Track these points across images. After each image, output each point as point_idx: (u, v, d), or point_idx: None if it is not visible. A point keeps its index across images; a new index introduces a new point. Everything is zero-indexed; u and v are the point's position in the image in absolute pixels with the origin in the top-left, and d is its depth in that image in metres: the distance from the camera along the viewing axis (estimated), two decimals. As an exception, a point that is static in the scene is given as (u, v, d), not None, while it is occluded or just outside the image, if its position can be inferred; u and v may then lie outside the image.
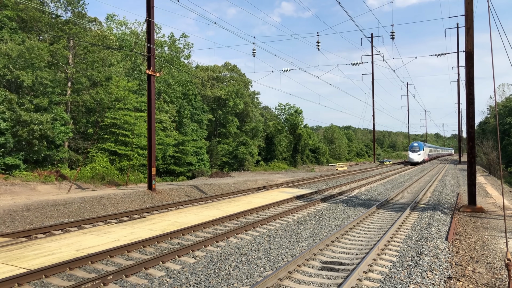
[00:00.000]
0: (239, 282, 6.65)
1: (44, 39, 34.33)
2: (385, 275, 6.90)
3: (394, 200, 17.32)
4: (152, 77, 18.11)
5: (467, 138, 14.72)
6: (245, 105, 60.97)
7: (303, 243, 9.47)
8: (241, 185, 23.14)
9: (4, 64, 25.11)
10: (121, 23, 45.70)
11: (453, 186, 23.62)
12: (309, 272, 7.18)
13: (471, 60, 14.28)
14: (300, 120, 68.19)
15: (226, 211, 13.24)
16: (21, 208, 12.59)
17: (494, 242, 9.71)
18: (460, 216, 13.24)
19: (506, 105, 63.99)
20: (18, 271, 6.83)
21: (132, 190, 17.73)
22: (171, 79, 43.44)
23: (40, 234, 10.07)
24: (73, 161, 31.59)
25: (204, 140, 48.26)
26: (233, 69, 67.38)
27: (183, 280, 6.63)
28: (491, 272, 7.28)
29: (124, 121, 31.66)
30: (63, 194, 16.44)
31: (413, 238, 9.70)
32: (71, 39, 33.51)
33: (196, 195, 19.15)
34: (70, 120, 32.48)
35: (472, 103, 14.26)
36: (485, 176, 35.35)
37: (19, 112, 24.31)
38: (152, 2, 18.18)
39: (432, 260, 7.61)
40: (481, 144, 51.53)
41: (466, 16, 14.45)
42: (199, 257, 8.00)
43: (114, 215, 12.39)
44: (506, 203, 16.70)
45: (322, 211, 13.79)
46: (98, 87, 33.44)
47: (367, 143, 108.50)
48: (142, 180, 28.74)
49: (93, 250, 8.22)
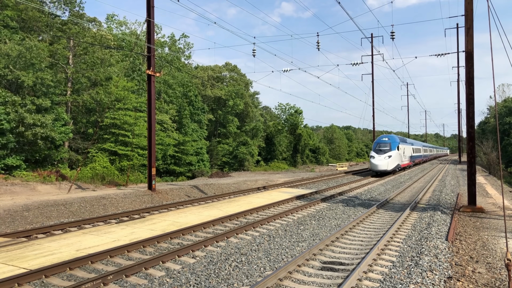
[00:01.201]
0: (239, 282, 6.65)
1: (44, 39, 34.34)
2: (385, 275, 6.90)
3: (394, 200, 17.32)
4: (152, 77, 18.12)
5: (467, 138, 14.72)
6: (245, 105, 60.99)
7: (303, 243, 9.47)
8: (241, 185, 23.14)
9: (5, 64, 25.12)
10: (121, 23, 45.74)
11: (453, 186, 23.62)
12: (309, 272, 7.18)
13: (471, 60, 14.28)
14: (300, 120, 68.23)
15: (226, 211, 13.24)
16: (21, 208, 12.59)
17: (494, 242, 9.71)
18: (460, 216, 13.24)
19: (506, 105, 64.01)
20: (18, 271, 6.83)
21: (132, 190, 17.73)
22: (171, 80, 43.46)
23: (40, 234, 10.06)
24: (73, 161, 31.60)
25: (204, 140, 48.29)
26: (234, 69, 67.39)
27: (183, 280, 6.63)
28: (491, 272, 7.28)
29: (124, 121, 31.68)
30: (63, 194, 16.44)
31: (413, 238, 9.70)
32: (71, 39, 33.53)
33: (196, 195, 19.14)
34: (70, 120, 32.49)
35: (472, 103, 14.26)
36: (485, 176, 35.35)
37: (22, 114, 24.35)
38: (152, 2, 18.18)
39: (432, 260, 7.61)
40: (481, 144, 51.53)
41: (466, 16, 14.45)
42: (199, 257, 8.00)
43: (114, 215, 12.39)
44: (506, 203, 16.70)
45: (322, 211, 13.79)
46: (98, 87, 33.45)
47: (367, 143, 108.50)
48: (142, 180, 28.74)
49: (93, 250, 8.22)
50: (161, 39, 48.85)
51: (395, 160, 31.77)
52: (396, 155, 31.95)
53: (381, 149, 31.67)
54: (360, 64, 35.48)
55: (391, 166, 30.93)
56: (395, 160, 31.61)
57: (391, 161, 30.90)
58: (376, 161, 30.61)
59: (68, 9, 36.49)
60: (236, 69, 67.68)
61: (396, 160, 32.07)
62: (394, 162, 31.45)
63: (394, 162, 31.61)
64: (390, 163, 30.76)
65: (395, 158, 31.56)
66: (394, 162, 31.45)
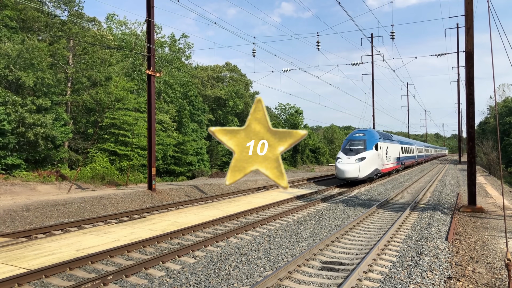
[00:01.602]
0: (239, 282, 6.65)
1: (43, 39, 34.34)
2: (385, 275, 6.90)
3: (394, 200, 17.32)
4: (152, 77, 18.11)
5: (467, 138, 14.72)
6: (245, 105, 60.98)
7: (303, 243, 9.47)
8: (241, 185, 23.13)
9: (5, 64, 25.13)
10: (121, 23, 45.74)
11: (453, 186, 23.62)
12: (309, 272, 7.18)
13: (471, 60, 14.28)
14: (300, 120, 68.23)
15: (226, 211, 13.23)
16: (21, 208, 12.59)
17: (494, 242, 9.71)
18: (460, 216, 13.24)
19: (506, 105, 64.00)
20: (18, 271, 6.83)
21: (132, 190, 17.73)
22: (171, 80, 43.46)
23: (40, 234, 10.06)
24: (73, 161, 31.59)
25: (204, 140, 48.28)
26: (234, 69, 67.39)
27: (183, 280, 6.63)
28: (491, 272, 7.28)
29: (124, 121, 31.68)
30: (63, 194, 16.44)
31: (413, 238, 9.70)
32: (71, 39, 33.53)
33: (196, 195, 19.14)
34: (70, 120, 32.49)
35: (472, 103, 14.26)
36: (485, 176, 35.35)
37: (23, 114, 24.36)
38: (152, 2, 18.18)
39: (432, 260, 7.61)
40: (481, 144, 51.47)
41: (466, 16, 14.45)
42: (199, 257, 8.00)
43: (114, 215, 12.39)
44: (506, 203, 16.70)
45: (322, 211, 13.79)
46: (98, 87, 33.46)
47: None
48: (142, 180, 28.73)
49: (93, 250, 8.22)
50: (161, 39, 48.84)
51: (371, 163, 23.14)
52: (373, 157, 23.44)
53: (352, 148, 23.32)
54: (360, 64, 35.42)
55: (365, 172, 22.28)
56: (370, 163, 23.00)
57: (365, 165, 22.29)
58: (343, 165, 22.11)
59: (67, 9, 36.49)
60: (236, 69, 67.67)
61: (373, 164, 23.41)
62: (369, 166, 22.81)
63: (370, 166, 22.93)
64: (363, 168, 22.11)
65: (371, 161, 23.01)
66: (369, 166, 22.81)
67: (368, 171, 22.86)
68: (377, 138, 24.79)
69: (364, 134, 24.58)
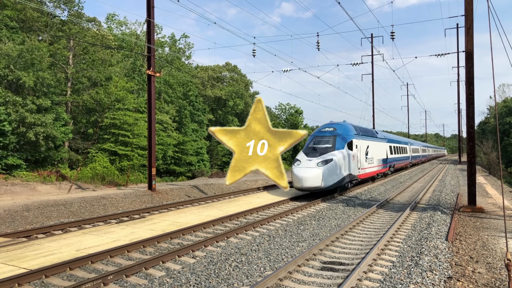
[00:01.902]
0: (239, 282, 6.65)
1: (43, 39, 34.35)
2: (385, 275, 6.90)
3: (394, 200, 17.32)
4: (152, 77, 18.12)
5: (467, 138, 14.72)
6: (245, 105, 60.98)
7: (303, 243, 9.47)
8: (241, 185, 23.13)
9: (5, 64, 25.15)
10: (121, 23, 45.74)
11: (453, 186, 23.62)
12: (309, 272, 7.18)
13: (471, 60, 14.28)
14: (300, 120, 68.22)
15: (226, 211, 13.24)
16: (21, 208, 12.60)
17: (494, 242, 9.71)
18: (460, 216, 13.24)
19: (506, 105, 63.99)
20: (18, 271, 6.83)
21: (132, 190, 17.74)
22: (171, 80, 43.47)
23: (40, 234, 10.07)
24: (73, 161, 31.60)
25: (204, 140, 48.30)
26: (234, 69, 67.40)
27: (183, 280, 6.64)
28: (491, 272, 7.29)
29: (124, 121, 31.70)
30: (63, 194, 16.44)
31: (413, 238, 9.70)
32: (71, 39, 33.53)
33: (196, 195, 19.15)
34: (70, 120, 32.50)
35: (472, 103, 14.26)
36: (485, 176, 35.36)
37: (23, 114, 24.37)
38: (152, 2, 18.19)
39: (432, 260, 7.61)
40: (481, 144, 51.48)
41: (466, 16, 14.45)
42: (199, 257, 8.00)
43: (114, 215, 12.40)
44: (506, 203, 16.70)
45: (322, 211, 13.80)
46: (98, 87, 33.47)
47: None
48: (142, 180, 28.74)
49: (93, 250, 8.22)
50: (162, 39, 48.85)
51: (341, 167, 17.32)
52: (345, 159, 17.67)
53: (316, 148, 17.77)
54: (360, 64, 35.40)
55: (331, 179, 16.50)
56: (340, 167, 17.21)
57: (331, 170, 16.47)
58: (300, 170, 16.34)
59: (67, 9, 36.49)
60: (236, 69, 67.67)
61: (344, 168, 17.59)
62: (337, 171, 16.95)
63: (339, 171, 17.09)
64: (329, 173, 16.32)
65: (340, 164, 17.20)
66: (337, 171, 16.95)
67: (336, 178, 16.88)
68: (352, 134, 19.37)
69: (335, 129, 19.00)
